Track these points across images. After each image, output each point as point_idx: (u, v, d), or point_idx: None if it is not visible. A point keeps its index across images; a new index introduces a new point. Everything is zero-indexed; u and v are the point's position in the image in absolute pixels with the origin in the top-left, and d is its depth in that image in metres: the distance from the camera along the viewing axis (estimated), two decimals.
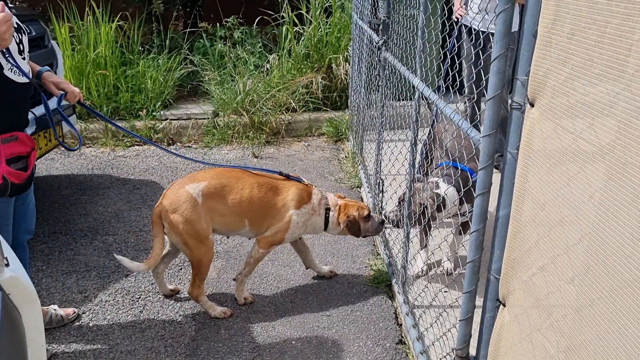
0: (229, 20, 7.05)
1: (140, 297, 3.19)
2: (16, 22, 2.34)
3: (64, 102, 2.66)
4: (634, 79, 0.99)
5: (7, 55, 2.26)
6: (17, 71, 2.32)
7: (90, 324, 2.95)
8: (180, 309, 3.09)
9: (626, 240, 1.03)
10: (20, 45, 2.37)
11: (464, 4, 4.45)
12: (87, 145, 5.74)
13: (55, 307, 2.95)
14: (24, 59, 2.40)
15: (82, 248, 3.71)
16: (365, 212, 3.19)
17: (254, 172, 3.11)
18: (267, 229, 3.06)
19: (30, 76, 2.47)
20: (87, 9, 6.34)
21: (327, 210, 3.15)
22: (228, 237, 3.58)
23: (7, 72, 2.28)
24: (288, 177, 3.16)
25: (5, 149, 2.30)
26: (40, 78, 2.67)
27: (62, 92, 2.65)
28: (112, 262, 3.54)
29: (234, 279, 3.21)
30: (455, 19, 4.49)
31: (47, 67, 2.73)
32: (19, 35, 2.37)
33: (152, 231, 2.92)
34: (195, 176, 2.97)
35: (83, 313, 3.04)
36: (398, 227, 3.15)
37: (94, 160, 5.34)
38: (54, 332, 2.86)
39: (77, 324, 2.95)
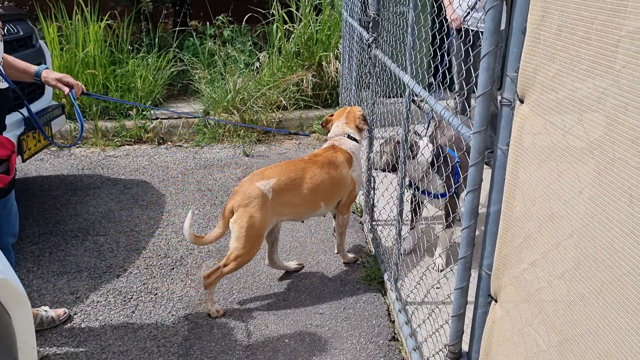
0: (218, 18, 7.02)
1: (132, 298, 3.17)
2: None
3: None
4: (621, 74, 1.00)
5: None
6: None
7: (82, 325, 2.93)
8: (173, 308, 3.08)
9: (615, 235, 1.03)
10: None
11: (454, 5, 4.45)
12: (77, 146, 5.71)
13: (46, 308, 2.93)
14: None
15: (73, 249, 3.69)
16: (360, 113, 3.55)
17: (307, 157, 3.32)
18: (340, 198, 3.36)
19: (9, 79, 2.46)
20: (75, 8, 6.30)
21: (352, 138, 3.45)
22: (303, 222, 3.75)
23: None
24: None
25: None
26: (40, 77, 2.70)
27: (70, 89, 2.72)
28: (103, 262, 3.52)
29: (337, 252, 3.56)
30: (453, 25, 4.49)
31: (43, 66, 2.76)
32: None
33: (219, 222, 3.07)
34: (264, 173, 3.10)
35: (75, 314, 3.02)
36: (394, 170, 3.21)
37: (84, 160, 5.31)
38: (45, 333, 2.84)
39: (68, 325, 2.93)
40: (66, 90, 2.71)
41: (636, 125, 0.96)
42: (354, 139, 3.42)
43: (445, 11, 4.46)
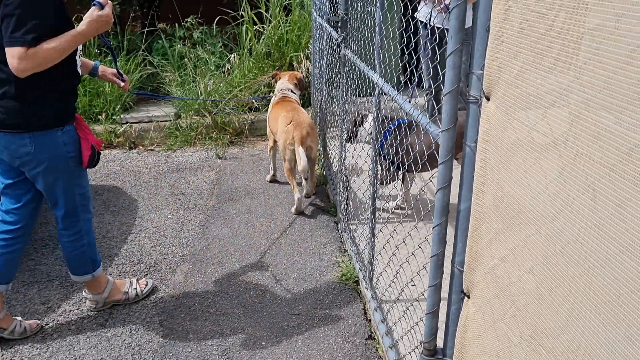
0: (187, 20, 6.96)
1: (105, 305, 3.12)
2: None
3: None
4: (583, 71, 1.01)
5: (80, 55, 2.67)
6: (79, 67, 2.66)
7: (54, 335, 2.87)
8: (147, 315, 3.04)
9: (580, 229, 1.05)
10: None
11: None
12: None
13: (20, 318, 2.87)
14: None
15: (43, 258, 3.61)
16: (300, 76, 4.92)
17: (290, 108, 4.43)
18: None
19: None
20: None
21: (293, 92, 4.79)
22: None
23: (78, 66, 2.64)
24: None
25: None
26: (97, 71, 3.01)
27: (123, 80, 3.07)
28: None
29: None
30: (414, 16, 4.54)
31: (98, 62, 3.05)
32: None
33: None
34: (298, 117, 4.28)
35: (46, 324, 2.96)
36: (351, 142, 3.93)
37: None
38: (15, 344, 2.78)
39: (40, 335, 2.87)
40: (120, 83, 3.05)
41: (598, 120, 0.98)
42: (295, 93, 4.73)
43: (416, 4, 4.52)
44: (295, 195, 4.16)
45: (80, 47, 2.63)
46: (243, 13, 6.58)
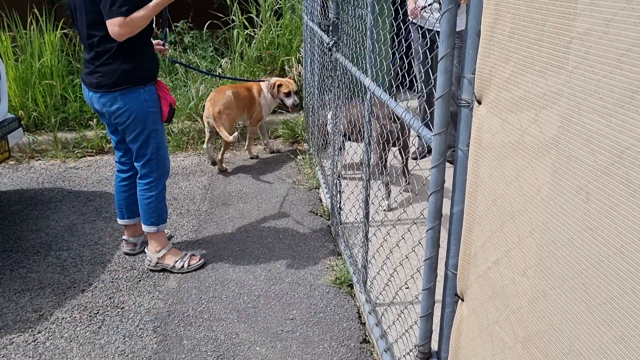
0: (178, 24, 6.95)
1: (98, 312, 3.11)
2: None
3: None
4: (573, 74, 1.02)
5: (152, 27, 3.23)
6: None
7: (47, 344, 2.86)
8: (141, 322, 3.02)
9: (574, 231, 1.06)
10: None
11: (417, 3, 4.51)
12: (37, 158, 5.57)
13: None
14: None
15: (35, 265, 3.59)
16: (285, 90, 5.34)
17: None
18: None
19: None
20: (30, 17, 6.15)
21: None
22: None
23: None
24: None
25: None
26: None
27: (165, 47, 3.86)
28: (67, 278, 3.44)
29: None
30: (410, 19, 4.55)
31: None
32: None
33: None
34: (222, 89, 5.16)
35: (39, 332, 2.94)
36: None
37: (44, 174, 5.18)
38: (6, 352, 2.76)
39: (33, 344, 2.85)
40: (164, 49, 3.82)
41: (589, 124, 0.99)
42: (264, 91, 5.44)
43: (407, 8, 4.53)
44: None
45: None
46: (234, 17, 6.57)
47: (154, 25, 3.23)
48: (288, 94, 5.31)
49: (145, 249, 3.56)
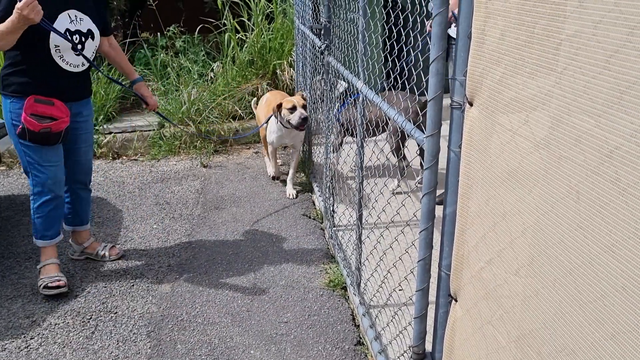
0: (169, 29, 6.95)
1: (91, 318, 3.09)
2: (87, 29, 3.13)
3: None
4: (563, 76, 1.04)
5: (58, 49, 3.02)
6: (66, 61, 3.08)
7: (40, 350, 2.84)
8: (134, 326, 3.02)
9: (565, 230, 1.07)
10: (79, 45, 3.10)
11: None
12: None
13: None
14: (77, 55, 3.11)
15: (27, 271, 3.57)
16: (289, 105, 4.43)
17: None
18: None
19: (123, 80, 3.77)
20: None
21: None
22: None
23: (55, 58, 3.03)
24: None
25: (37, 107, 3.02)
26: (135, 84, 3.64)
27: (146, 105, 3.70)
28: None
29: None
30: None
31: (141, 77, 3.67)
32: (80, 37, 3.10)
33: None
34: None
35: (31, 338, 2.92)
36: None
37: None
38: None
39: (25, 350, 2.83)
40: (145, 105, 3.71)
41: (579, 124, 1.00)
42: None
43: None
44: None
45: (56, 44, 3.00)
46: (225, 21, 6.58)
47: (54, 44, 2.99)
48: (292, 109, 4.43)
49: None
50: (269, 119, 4.72)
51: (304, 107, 4.42)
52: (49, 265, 3.35)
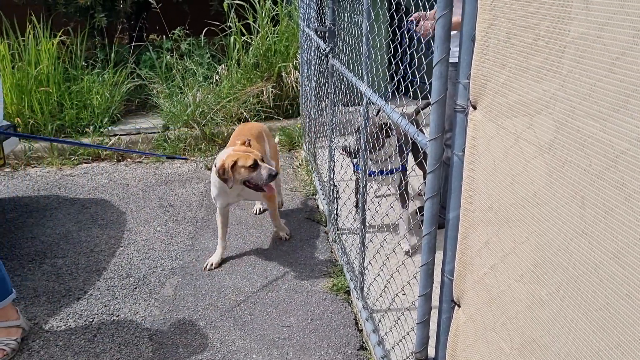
0: (174, 32, 6.96)
1: (93, 321, 3.08)
2: None
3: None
4: (568, 79, 1.02)
5: None
6: None
7: (41, 352, 2.83)
8: (136, 329, 3.00)
9: (569, 236, 1.05)
10: None
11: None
12: (32, 165, 5.55)
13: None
14: None
15: (30, 273, 3.57)
16: (249, 162, 3.34)
17: None
18: None
19: None
20: (27, 24, 6.15)
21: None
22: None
23: None
24: None
25: None
26: None
27: None
28: (62, 286, 3.42)
29: None
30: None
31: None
32: None
33: None
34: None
35: (33, 341, 2.92)
36: (355, 157, 3.30)
37: (40, 181, 5.16)
38: None
39: (27, 352, 2.83)
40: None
41: (583, 128, 0.98)
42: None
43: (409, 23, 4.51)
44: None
45: None
46: (231, 24, 6.58)
47: None
48: (253, 167, 3.38)
49: None
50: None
51: (262, 159, 3.50)
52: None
